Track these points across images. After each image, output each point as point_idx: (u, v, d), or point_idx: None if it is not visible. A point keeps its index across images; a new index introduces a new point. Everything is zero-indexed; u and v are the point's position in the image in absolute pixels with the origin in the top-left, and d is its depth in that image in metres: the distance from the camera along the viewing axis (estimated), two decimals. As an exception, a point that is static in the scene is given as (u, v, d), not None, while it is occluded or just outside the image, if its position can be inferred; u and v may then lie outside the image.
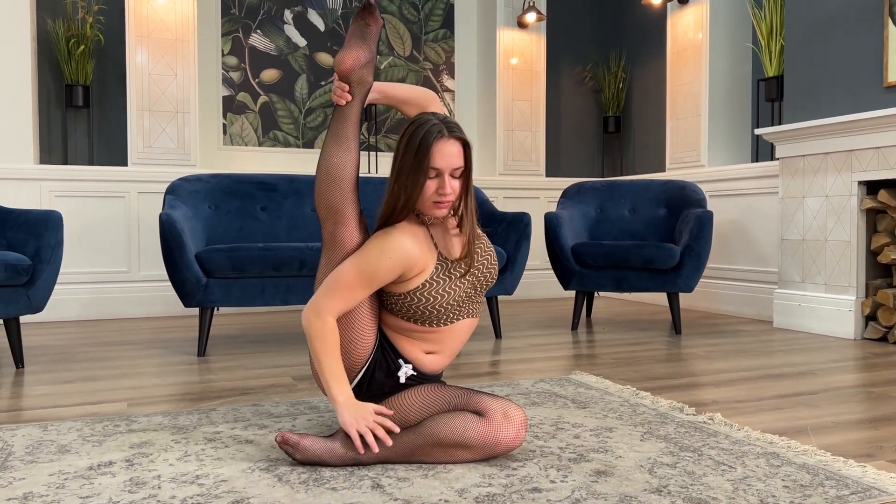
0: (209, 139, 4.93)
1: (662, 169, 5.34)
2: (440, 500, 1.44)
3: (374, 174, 5.11)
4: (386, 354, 1.72)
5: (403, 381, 1.71)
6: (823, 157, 3.66)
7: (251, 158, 5.04)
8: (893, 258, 3.34)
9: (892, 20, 3.33)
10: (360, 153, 1.78)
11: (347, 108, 1.75)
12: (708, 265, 4.53)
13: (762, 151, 4.70)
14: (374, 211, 1.80)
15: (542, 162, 5.50)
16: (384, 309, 1.74)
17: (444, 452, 1.61)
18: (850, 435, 1.92)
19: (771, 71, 4.30)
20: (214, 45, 4.95)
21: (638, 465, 1.64)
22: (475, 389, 1.70)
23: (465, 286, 1.71)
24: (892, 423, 2.04)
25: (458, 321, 1.73)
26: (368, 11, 1.77)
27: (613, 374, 2.69)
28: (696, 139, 4.80)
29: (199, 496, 1.46)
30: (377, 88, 1.82)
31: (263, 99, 5.07)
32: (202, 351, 3.09)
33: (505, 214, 3.62)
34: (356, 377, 1.71)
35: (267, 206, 3.65)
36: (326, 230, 1.75)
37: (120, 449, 1.77)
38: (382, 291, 1.72)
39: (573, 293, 5.32)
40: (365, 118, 5.07)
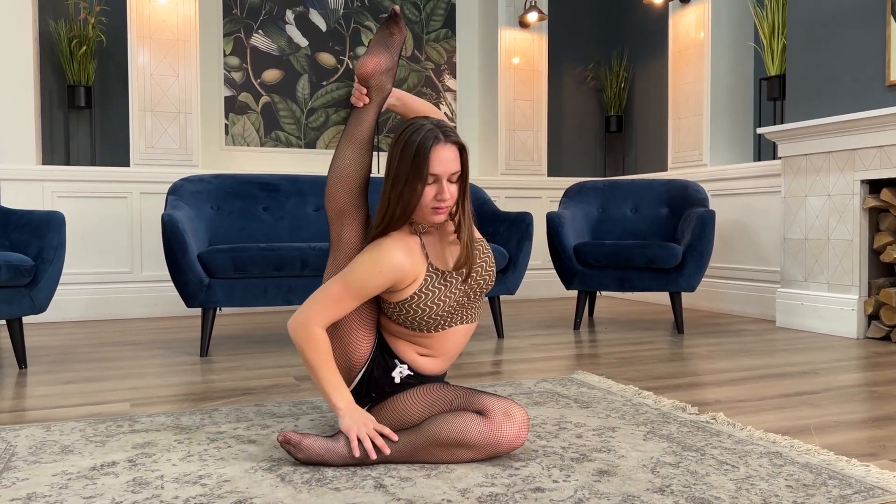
0: (211, 139, 4.94)
1: (664, 168, 5.33)
2: (443, 499, 1.44)
3: (378, 175, 5.11)
4: (383, 354, 1.73)
5: (398, 381, 1.72)
6: (826, 156, 3.66)
7: (253, 159, 5.04)
8: (896, 257, 3.34)
9: (893, 18, 3.33)
10: (371, 157, 1.79)
11: (364, 111, 1.78)
12: (710, 264, 4.53)
13: (764, 150, 4.69)
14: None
15: (543, 161, 5.50)
16: (381, 311, 1.75)
17: (446, 452, 1.62)
18: (853, 434, 1.91)
19: (773, 70, 4.29)
20: (216, 45, 4.95)
21: (641, 464, 1.64)
22: (477, 389, 1.70)
23: (458, 294, 1.70)
24: (895, 422, 2.03)
25: (452, 327, 1.73)
26: (394, 21, 1.80)
27: (616, 373, 2.69)
28: (698, 138, 4.80)
29: (201, 496, 1.46)
30: (396, 95, 1.83)
31: (265, 99, 5.07)
32: (205, 351, 3.09)
33: (507, 214, 3.62)
34: (357, 377, 1.72)
35: (269, 206, 3.65)
36: (334, 231, 1.76)
37: (123, 449, 1.77)
38: (379, 297, 1.72)
39: (575, 293, 5.32)
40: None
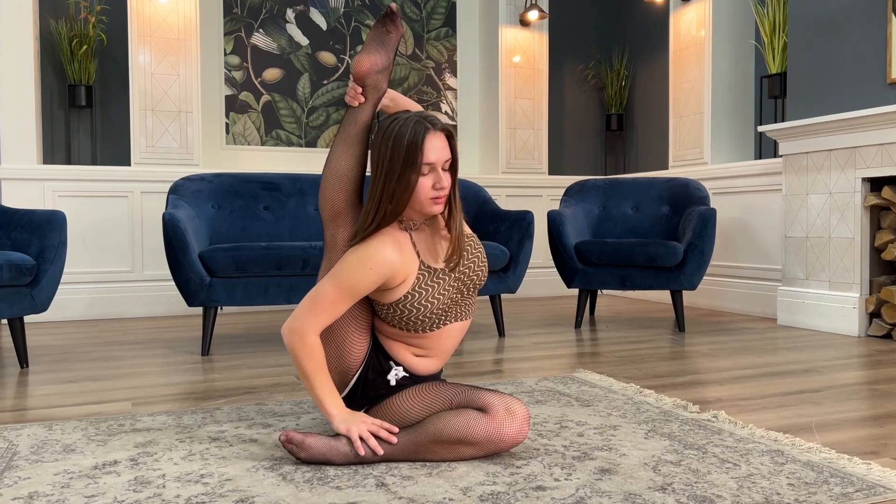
0: (212, 139, 4.94)
1: (665, 166, 5.33)
2: (444, 498, 1.44)
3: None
4: (378, 357, 1.72)
5: (394, 383, 1.71)
6: (827, 153, 3.65)
7: (254, 158, 5.04)
8: (897, 255, 3.33)
9: (894, 16, 3.32)
10: (367, 157, 1.77)
11: (359, 111, 1.76)
12: (711, 263, 4.52)
13: (765, 149, 4.69)
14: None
15: (544, 160, 5.50)
16: (374, 314, 1.74)
17: (447, 449, 1.61)
18: (854, 432, 1.91)
19: (774, 68, 4.29)
20: (217, 44, 4.95)
21: (642, 462, 1.64)
22: (477, 387, 1.70)
23: (451, 291, 1.69)
24: (896, 420, 2.03)
25: (446, 325, 1.72)
26: (391, 19, 1.77)
27: (617, 372, 2.69)
28: (698, 137, 4.79)
29: (203, 495, 1.46)
30: (389, 95, 1.82)
31: (266, 98, 5.07)
32: (206, 350, 3.09)
33: (508, 213, 3.62)
34: (351, 380, 1.71)
35: (270, 205, 3.65)
36: (329, 232, 1.74)
37: (124, 448, 1.77)
38: (371, 299, 1.71)
39: (576, 291, 5.31)
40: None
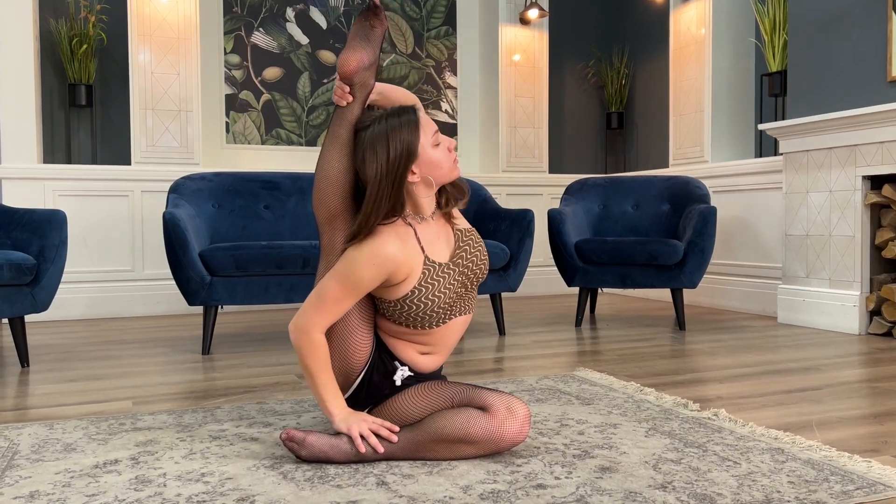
0: (212, 138, 4.94)
1: (666, 165, 5.33)
2: (445, 496, 1.44)
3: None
4: (383, 357, 1.72)
5: (399, 383, 1.71)
6: (827, 152, 3.65)
7: (254, 157, 5.04)
8: (898, 253, 3.33)
9: (895, 14, 3.32)
10: None
11: (348, 110, 1.72)
12: (711, 261, 4.52)
13: (766, 147, 4.69)
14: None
15: (545, 159, 5.50)
16: (378, 313, 1.73)
17: (448, 448, 1.61)
18: (854, 430, 1.91)
19: (774, 66, 4.28)
20: (217, 43, 4.95)
21: (643, 461, 1.64)
22: (478, 385, 1.70)
23: (456, 285, 1.70)
24: (897, 418, 2.03)
25: (451, 320, 1.73)
26: (374, 13, 1.74)
27: (618, 370, 2.69)
28: (699, 135, 4.79)
29: (204, 494, 1.46)
30: (377, 89, 1.78)
31: (266, 97, 5.07)
32: (206, 349, 3.09)
33: (508, 211, 3.62)
34: (355, 381, 1.70)
35: (270, 204, 3.65)
36: (325, 236, 1.72)
37: (125, 447, 1.77)
38: (375, 297, 1.71)
39: (577, 290, 5.31)
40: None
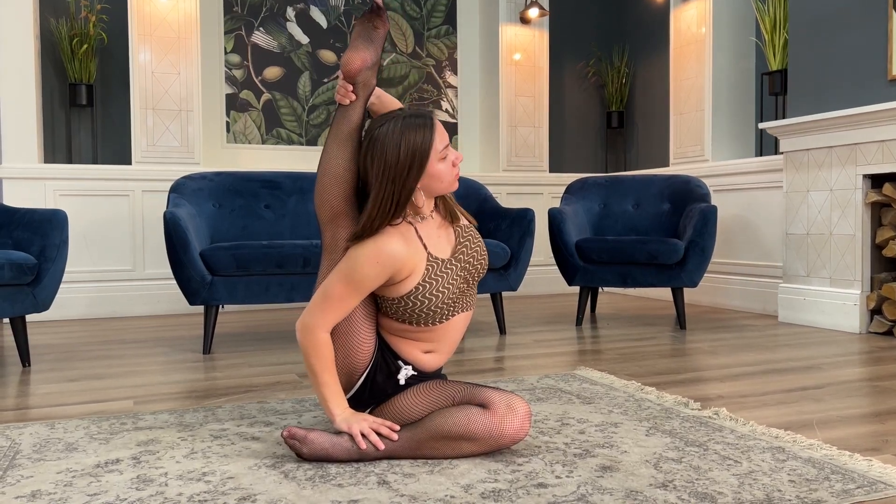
0: (213, 137, 4.94)
1: (666, 164, 5.33)
2: (446, 495, 1.44)
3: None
4: (385, 357, 1.72)
5: (403, 382, 1.71)
6: (828, 150, 3.65)
7: (255, 156, 5.04)
8: (898, 252, 3.33)
9: (895, 13, 3.32)
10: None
11: (351, 109, 1.74)
12: (712, 260, 4.52)
13: (766, 146, 4.68)
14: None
15: (545, 158, 5.50)
16: (380, 312, 1.74)
17: (449, 446, 1.62)
18: (855, 429, 1.92)
19: (775, 65, 4.28)
20: (217, 43, 4.95)
21: (643, 460, 1.64)
22: (479, 384, 1.70)
23: (458, 281, 1.71)
24: (897, 416, 2.04)
25: (453, 317, 1.73)
26: (377, 14, 1.75)
27: (618, 369, 2.69)
28: (699, 134, 4.79)
29: (205, 493, 1.47)
30: (376, 93, 1.80)
31: (266, 96, 5.07)
32: (207, 349, 3.10)
33: (508, 211, 3.62)
34: (358, 381, 1.71)
35: (271, 203, 3.65)
36: (328, 234, 1.72)
37: (127, 447, 1.78)
38: (377, 296, 1.72)
39: (577, 289, 5.32)
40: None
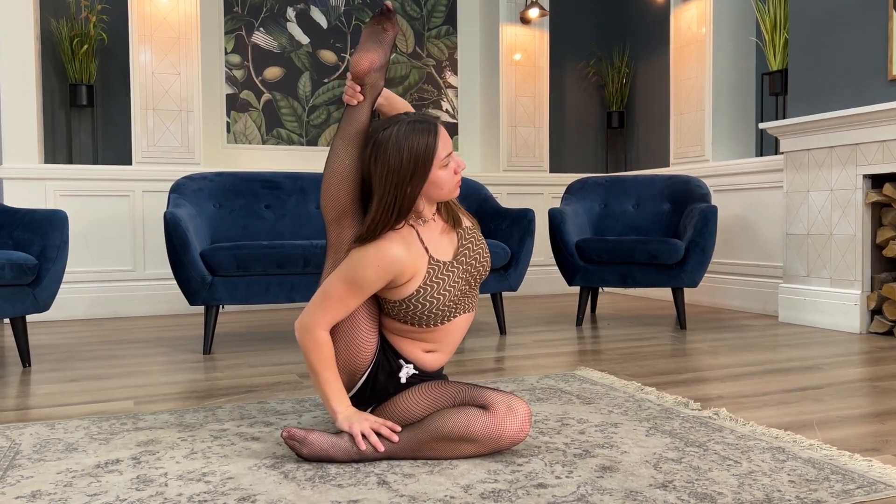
0: (213, 137, 4.94)
1: (666, 164, 5.33)
2: (446, 496, 1.44)
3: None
4: (387, 356, 1.72)
5: (405, 381, 1.72)
6: (828, 150, 3.65)
7: (255, 156, 5.04)
8: (899, 252, 3.33)
9: (895, 13, 3.32)
10: None
11: (358, 109, 1.75)
12: (712, 260, 4.52)
13: (766, 146, 4.68)
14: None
15: (545, 158, 5.50)
16: (382, 312, 1.74)
17: (449, 447, 1.62)
18: (855, 429, 1.91)
19: (775, 65, 4.28)
20: (217, 43, 4.95)
21: (643, 460, 1.64)
22: (479, 385, 1.70)
23: (460, 283, 1.71)
24: (897, 417, 2.03)
25: (455, 318, 1.73)
26: (387, 17, 1.77)
27: (618, 369, 2.69)
28: (699, 134, 4.79)
29: (205, 493, 1.47)
30: (384, 94, 1.81)
31: (267, 97, 5.07)
32: (208, 349, 3.10)
33: (509, 211, 3.62)
34: (360, 380, 1.71)
35: (271, 203, 3.65)
36: (333, 234, 1.73)
37: (127, 447, 1.78)
38: (379, 297, 1.72)
39: (577, 289, 5.31)
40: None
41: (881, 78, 3.40)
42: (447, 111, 5.59)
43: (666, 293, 4.94)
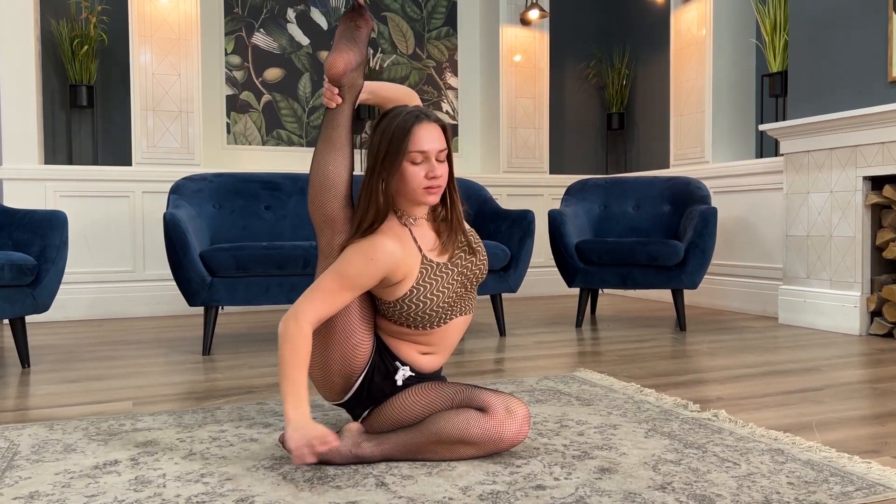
0: (213, 138, 4.94)
1: (666, 165, 5.32)
2: (444, 497, 1.44)
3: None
4: (383, 358, 1.71)
5: (401, 383, 1.71)
6: (828, 152, 3.65)
7: (255, 157, 5.04)
8: (899, 254, 3.33)
9: (896, 15, 3.32)
10: (353, 158, 1.75)
11: (338, 112, 1.72)
12: (712, 261, 4.52)
13: (766, 147, 4.68)
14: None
15: (545, 159, 5.50)
16: (378, 313, 1.73)
17: (447, 449, 1.61)
18: (855, 431, 1.91)
19: (775, 66, 4.28)
20: (217, 44, 4.95)
21: (642, 461, 1.64)
22: (477, 386, 1.70)
23: (455, 285, 1.69)
24: (897, 419, 2.03)
25: (451, 321, 1.72)
26: (359, 13, 1.73)
27: (618, 371, 2.69)
28: (699, 135, 4.79)
29: (203, 494, 1.46)
30: (367, 88, 1.78)
31: (267, 98, 5.08)
32: (207, 350, 3.10)
33: (509, 212, 3.62)
34: (356, 382, 1.69)
35: (271, 204, 3.65)
36: (323, 239, 1.72)
37: (125, 448, 1.78)
38: (374, 297, 1.71)
39: (577, 290, 5.31)
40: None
41: (881, 79, 3.40)
42: (447, 112, 5.59)
43: (666, 295, 4.94)
